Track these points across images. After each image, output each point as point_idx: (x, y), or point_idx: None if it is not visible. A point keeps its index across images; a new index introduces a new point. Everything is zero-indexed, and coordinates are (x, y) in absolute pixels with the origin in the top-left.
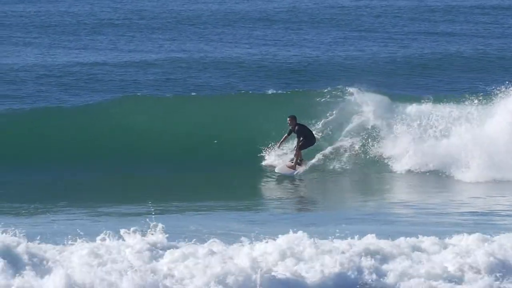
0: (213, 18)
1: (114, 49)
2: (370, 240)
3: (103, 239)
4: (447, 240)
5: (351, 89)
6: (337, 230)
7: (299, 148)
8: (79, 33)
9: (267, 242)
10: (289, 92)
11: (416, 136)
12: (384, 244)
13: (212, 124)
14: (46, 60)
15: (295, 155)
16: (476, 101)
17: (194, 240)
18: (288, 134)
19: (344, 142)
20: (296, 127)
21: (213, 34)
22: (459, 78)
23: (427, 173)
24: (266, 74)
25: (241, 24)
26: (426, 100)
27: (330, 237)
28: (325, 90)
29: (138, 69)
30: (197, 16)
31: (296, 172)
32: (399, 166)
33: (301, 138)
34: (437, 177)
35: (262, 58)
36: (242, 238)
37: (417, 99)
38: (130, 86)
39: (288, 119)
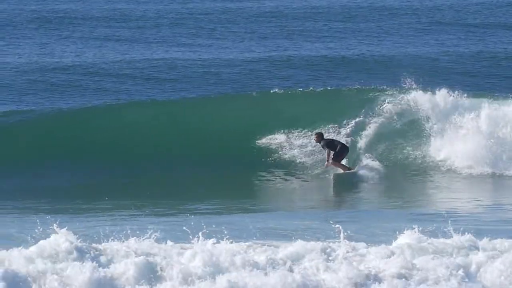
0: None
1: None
2: None
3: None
4: None
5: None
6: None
7: (333, 160)
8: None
9: None
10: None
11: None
12: None
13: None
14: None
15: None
16: None
17: None
18: (327, 151)
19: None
20: (322, 143)
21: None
22: None
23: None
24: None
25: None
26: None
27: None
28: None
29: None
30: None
31: (354, 171)
32: (467, 167)
33: (331, 151)
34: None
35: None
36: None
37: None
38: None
39: (314, 136)
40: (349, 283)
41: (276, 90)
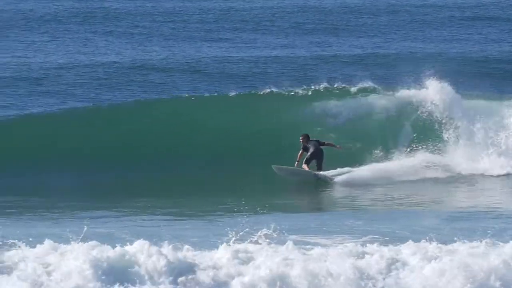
0: None
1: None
2: None
3: None
4: None
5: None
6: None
7: (305, 161)
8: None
9: None
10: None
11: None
12: None
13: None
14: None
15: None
16: None
17: None
18: (303, 151)
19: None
20: (310, 143)
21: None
22: None
23: None
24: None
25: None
26: None
27: None
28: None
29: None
30: None
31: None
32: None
33: (308, 153)
34: None
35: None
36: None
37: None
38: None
39: (300, 137)
40: None
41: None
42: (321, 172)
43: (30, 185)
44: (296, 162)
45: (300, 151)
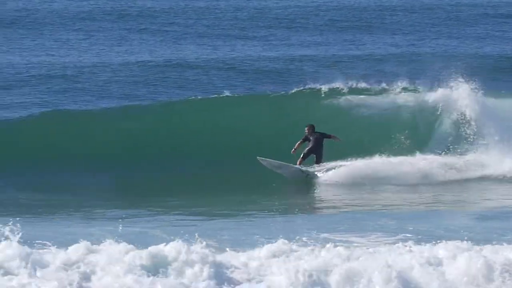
0: None
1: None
2: None
3: None
4: None
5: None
6: None
7: (302, 156)
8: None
9: None
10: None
11: None
12: None
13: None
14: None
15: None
16: None
17: None
18: (303, 141)
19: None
20: (313, 136)
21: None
22: None
23: None
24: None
25: None
26: None
27: None
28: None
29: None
30: None
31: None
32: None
33: (311, 145)
34: None
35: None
36: None
37: None
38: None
39: (306, 128)
40: None
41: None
42: (309, 169)
43: (64, 183)
44: (293, 149)
45: (300, 140)
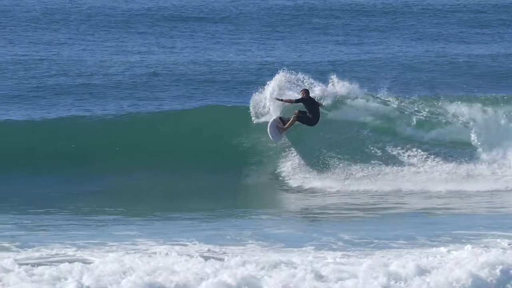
0: None
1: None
2: None
3: None
4: None
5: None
6: None
7: (297, 118)
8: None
9: None
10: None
11: None
12: None
13: None
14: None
15: (291, 120)
16: None
17: None
18: (296, 102)
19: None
20: (308, 98)
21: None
22: None
23: None
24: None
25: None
26: None
27: None
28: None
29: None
30: None
31: (277, 140)
32: None
33: (307, 111)
34: None
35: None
36: None
37: None
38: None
39: (301, 91)
40: None
41: None
42: (278, 112)
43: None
44: (281, 100)
45: (293, 98)
